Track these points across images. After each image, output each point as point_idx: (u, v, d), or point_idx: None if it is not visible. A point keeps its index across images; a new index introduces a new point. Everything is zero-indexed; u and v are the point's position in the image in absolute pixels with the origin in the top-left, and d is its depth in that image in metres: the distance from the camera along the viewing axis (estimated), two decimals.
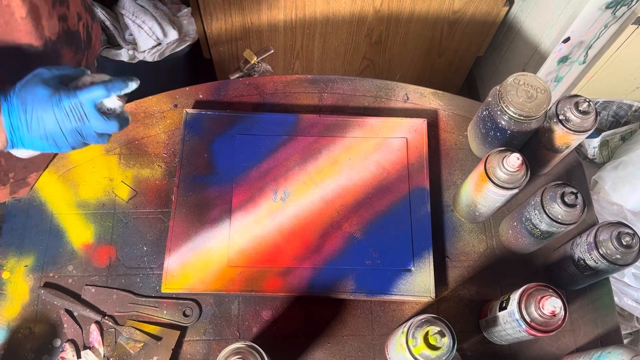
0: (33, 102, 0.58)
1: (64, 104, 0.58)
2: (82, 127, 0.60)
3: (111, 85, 0.61)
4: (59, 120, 0.59)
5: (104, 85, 0.60)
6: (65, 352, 0.73)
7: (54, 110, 0.58)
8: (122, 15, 1.41)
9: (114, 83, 0.61)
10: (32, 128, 0.58)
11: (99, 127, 0.60)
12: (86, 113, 0.59)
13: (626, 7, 1.13)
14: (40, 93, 0.58)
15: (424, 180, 0.84)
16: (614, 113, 1.41)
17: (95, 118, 0.60)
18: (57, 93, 0.59)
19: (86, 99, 0.59)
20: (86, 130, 0.60)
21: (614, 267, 0.69)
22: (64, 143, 0.60)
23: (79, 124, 0.59)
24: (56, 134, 0.59)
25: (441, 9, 1.41)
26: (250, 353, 0.62)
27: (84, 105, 0.59)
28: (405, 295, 0.78)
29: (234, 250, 0.79)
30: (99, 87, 0.60)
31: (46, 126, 0.58)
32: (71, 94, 0.59)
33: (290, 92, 0.92)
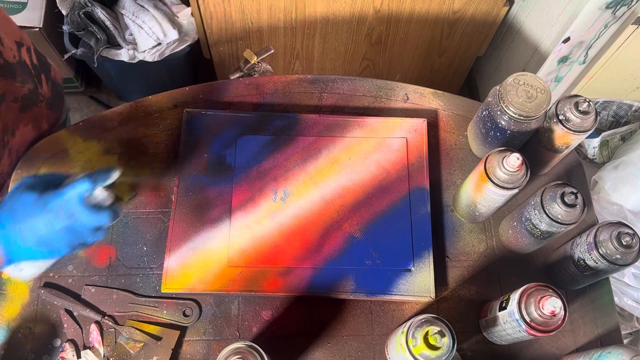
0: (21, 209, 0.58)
1: (51, 205, 0.58)
2: (74, 226, 0.59)
3: (95, 177, 0.60)
4: (48, 223, 0.58)
5: (88, 178, 0.59)
6: (65, 352, 0.73)
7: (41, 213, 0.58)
8: (122, 15, 1.41)
9: (97, 174, 0.60)
10: (25, 237, 0.58)
11: (90, 221, 0.59)
12: (74, 210, 0.58)
13: (626, 7, 1.13)
14: (26, 199, 0.58)
15: (424, 180, 0.84)
16: (614, 113, 1.41)
17: (84, 213, 0.59)
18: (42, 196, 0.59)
19: (72, 196, 0.58)
20: (79, 227, 0.59)
21: (614, 267, 0.69)
22: (59, 245, 0.60)
23: (70, 222, 0.58)
24: (49, 237, 0.58)
25: (441, 9, 1.41)
26: (250, 353, 0.62)
27: (70, 202, 0.58)
28: (405, 295, 0.78)
29: (234, 250, 0.79)
30: (82, 180, 0.59)
31: (38, 231, 0.58)
32: (56, 193, 0.59)
33: (290, 92, 0.92)
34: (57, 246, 0.59)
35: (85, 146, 0.86)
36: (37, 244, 0.58)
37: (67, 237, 0.59)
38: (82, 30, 1.41)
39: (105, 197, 0.62)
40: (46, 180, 0.62)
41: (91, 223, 0.60)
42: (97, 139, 0.86)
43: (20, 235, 0.58)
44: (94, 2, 1.38)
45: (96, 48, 1.40)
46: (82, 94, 1.81)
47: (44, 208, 0.58)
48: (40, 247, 0.59)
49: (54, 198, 0.58)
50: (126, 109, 0.89)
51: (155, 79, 1.58)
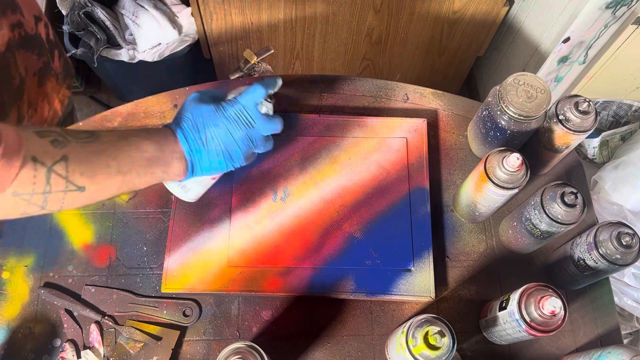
0: (203, 119, 0.60)
1: (230, 112, 0.61)
2: (251, 132, 0.62)
3: (265, 83, 0.63)
4: (230, 130, 0.61)
5: (260, 84, 0.62)
6: (65, 352, 0.73)
7: (223, 120, 0.60)
8: (122, 15, 1.41)
9: (265, 81, 0.64)
10: (208, 146, 0.60)
11: (265, 128, 0.63)
12: (252, 116, 0.62)
13: (626, 7, 1.13)
14: (205, 109, 0.61)
15: (424, 180, 0.84)
16: (614, 113, 1.41)
17: (261, 119, 0.62)
18: (219, 105, 0.61)
19: (248, 102, 0.61)
20: (254, 134, 0.62)
21: (613, 267, 0.69)
22: (238, 154, 0.62)
23: (248, 129, 0.62)
24: (230, 145, 0.61)
25: (441, 9, 1.41)
26: (250, 353, 0.62)
27: (247, 108, 0.61)
28: (405, 295, 0.78)
29: (234, 250, 0.79)
30: (255, 87, 0.62)
31: (220, 138, 0.60)
32: (233, 101, 0.62)
33: (290, 92, 0.92)
34: (235, 155, 0.62)
35: None
36: (219, 153, 0.61)
37: (244, 145, 0.62)
38: (82, 30, 1.41)
39: (272, 107, 0.65)
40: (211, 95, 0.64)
41: (265, 130, 0.63)
42: None
43: (204, 144, 0.60)
44: (94, 2, 1.38)
45: (96, 48, 1.40)
46: (82, 94, 1.81)
47: (225, 115, 0.60)
48: (220, 155, 0.61)
49: (232, 105, 0.61)
50: (126, 109, 0.89)
51: (155, 79, 1.58)
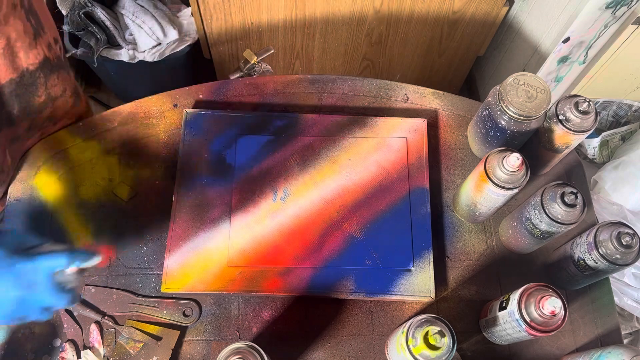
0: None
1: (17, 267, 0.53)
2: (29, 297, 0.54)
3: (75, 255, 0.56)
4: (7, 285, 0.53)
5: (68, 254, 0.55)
6: (65, 352, 0.73)
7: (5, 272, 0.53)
8: (122, 15, 1.41)
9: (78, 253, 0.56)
10: None
11: (47, 299, 0.55)
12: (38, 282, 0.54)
13: (626, 7, 1.13)
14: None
15: (424, 180, 0.84)
16: (614, 113, 1.41)
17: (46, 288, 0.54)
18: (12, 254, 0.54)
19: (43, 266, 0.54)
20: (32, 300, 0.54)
21: (613, 267, 0.69)
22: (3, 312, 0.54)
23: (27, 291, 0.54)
24: None
25: (441, 9, 1.41)
26: (250, 353, 0.62)
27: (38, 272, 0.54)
28: (405, 295, 0.78)
29: (234, 250, 0.79)
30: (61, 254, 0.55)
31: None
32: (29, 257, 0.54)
33: (290, 92, 0.92)
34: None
35: (85, 146, 0.86)
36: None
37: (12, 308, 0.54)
38: (82, 30, 1.41)
39: (73, 279, 0.58)
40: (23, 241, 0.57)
41: (46, 301, 0.55)
42: (97, 139, 0.86)
43: None
44: (94, 2, 1.38)
45: (96, 48, 1.40)
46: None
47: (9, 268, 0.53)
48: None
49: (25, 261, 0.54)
50: (126, 109, 0.89)
51: (155, 79, 1.58)
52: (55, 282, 0.56)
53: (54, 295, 0.55)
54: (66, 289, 0.57)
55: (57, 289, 0.55)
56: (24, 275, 0.54)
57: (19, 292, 0.54)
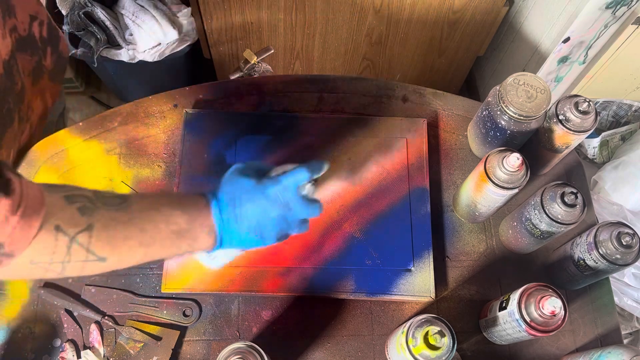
0: (240, 193, 0.58)
1: (270, 191, 0.58)
2: (287, 214, 0.59)
3: (312, 167, 0.61)
4: (266, 209, 0.58)
5: (305, 167, 0.60)
6: (65, 352, 0.73)
7: (260, 198, 0.58)
8: (122, 15, 1.41)
9: (311, 165, 0.61)
10: (241, 222, 0.57)
11: (303, 212, 0.60)
12: (290, 198, 0.59)
13: (626, 7, 1.13)
14: (245, 184, 0.59)
15: (424, 180, 0.84)
16: (614, 113, 1.41)
17: (300, 203, 0.59)
18: (260, 181, 0.59)
19: (289, 184, 0.59)
20: (291, 216, 0.59)
21: (613, 267, 0.69)
22: (270, 233, 0.59)
23: (285, 210, 0.59)
24: (264, 223, 0.58)
25: (441, 9, 1.41)
26: (250, 353, 0.62)
27: (288, 190, 0.59)
28: (405, 295, 0.78)
29: None
30: (300, 170, 0.60)
31: (255, 216, 0.57)
32: (275, 180, 0.59)
33: (290, 92, 0.92)
34: (267, 234, 0.59)
35: (85, 146, 0.86)
36: (250, 229, 0.58)
37: (278, 226, 0.59)
38: (82, 30, 1.41)
39: (313, 190, 0.63)
40: (256, 167, 0.62)
41: (302, 214, 0.60)
42: (97, 139, 0.86)
43: (237, 220, 0.57)
44: (94, 2, 1.38)
45: (96, 48, 1.40)
46: (82, 94, 1.81)
47: (263, 193, 0.58)
48: (251, 233, 0.58)
49: (274, 184, 0.58)
50: (126, 109, 0.89)
51: (155, 79, 1.58)
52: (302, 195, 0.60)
53: (306, 207, 0.60)
54: (311, 199, 0.62)
55: (306, 201, 0.60)
56: (277, 196, 0.58)
57: (278, 211, 0.58)
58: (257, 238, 0.59)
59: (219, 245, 0.58)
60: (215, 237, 0.57)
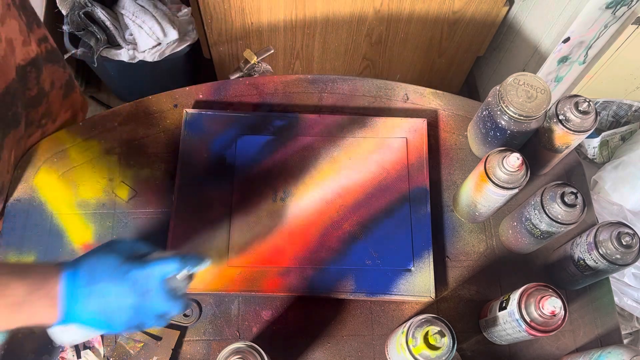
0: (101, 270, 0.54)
1: (131, 275, 0.54)
2: (143, 305, 0.55)
3: (187, 260, 0.57)
4: (120, 293, 0.54)
5: (180, 259, 0.56)
6: (65, 352, 0.73)
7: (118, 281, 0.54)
8: (122, 15, 1.41)
9: (189, 258, 0.57)
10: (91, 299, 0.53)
11: (161, 305, 0.56)
12: (151, 288, 0.55)
13: (626, 7, 1.13)
14: (109, 261, 0.55)
15: (424, 180, 0.84)
16: (614, 113, 1.41)
17: (160, 295, 0.55)
18: (126, 262, 0.55)
19: (154, 273, 0.55)
20: (147, 308, 0.55)
21: (613, 267, 0.69)
22: (118, 320, 0.55)
23: (141, 299, 0.54)
24: (113, 308, 0.54)
25: (441, 9, 1.41)
26: (250, 353, 0.62)
27: (151, 278, 0.54)
28: (405, 295, 0.78)
29: (234, 250, 0.79)
30: (171, 260, 0.56)
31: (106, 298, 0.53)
32: (142, 264, 0.55)
33: (290, 92, 0.92)
34: (116, 321, 0.55)
35: (85, 146, 0.86)
36: (98, 312, 0.54)
37: (130, 315, 0.55)
38: (82, 30, 1.41)
39: (184, 285, 0.59)
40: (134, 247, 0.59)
41: (161, 308, 0.56)
42: (97, 139, 0.86)
43: (87, 298, 0.53)
44: (94, 2, 1.38)
45: (96, 48, 1.40)
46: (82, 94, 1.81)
47: (124, 276, 0.54)
48: (100, 316, 0.54)
49: (137, 269, 0.54)
50: (126, 109, 0.89)
51: (155, 79, 1.58)
52: (167, 288, 0.56)
53: (168, 302, 0.56)
54: (178, 294, 0.57)
55: (170, 295, 0.56)
56: (138, 283, 0.54)
57: (134, 299, 0.54)
58: (105, 322, 0.55)
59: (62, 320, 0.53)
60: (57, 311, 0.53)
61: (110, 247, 0.57)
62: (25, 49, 0.69)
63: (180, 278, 0.58)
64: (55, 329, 0.57)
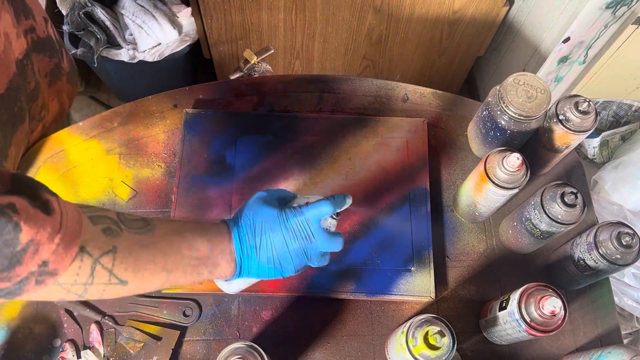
0: (262, 222, 0.57)
1: (292, 222, 0.57)
2: (308, 246, 0.58)
3: (335, 201, 0.60)
4: (287, 240, 0.57)
5: (330, 201, 0.59)
6: (65, 352, 0.73)
7: (282, 229, 0.57)
8: (122, 15, 1.41)
9: (336, 199, 0.60)
10: (261, 251, 0.57)
11: (324, 245, 0.59)
12: (312, 231, 0.58)
13: (626, 7, 1.13)
14: (267, 213, 0.57)
15: (424, 180, 0.84)
16: (614, 113, 1.41)
17: (321, 235, 0.58)
18: (283, 212, 0.58)
19: (312, 216, 0.58)
20: (311, 249, 0.58)
21: (613, 267, 0.69)
22: (289, 265, 0.58)
23: (306, 242, 0.58)
24: (284, 254, 0.57)
25: (441, 9, 1.41)
26: (250, 353, 0.62)
27: (310, 222, 0.58)
28: (405, 295, 0.78)
29: None
30: (324, 202, 0.59)
31: (275, 247, 0.57)
32: (297, 211, 0.58)
33: (290, 92, 0.92)
34: (286, 266, 0.58)
35: (85, 146, 0.86)
36: (269, 260, 0.57)
37: (298, 258, 0.58)
38: (82, 30, 1.41)
39: (334, 224, 0.62)
40: (278, 196, 0.62)
41: (323, 247, 0.59)
42: (97, 139, 0.86)
43: (257, 250, 0.57)
44: (94, 2, 1.38)
45: (96, 48, 1.40)
46: (82, 94, 1.81)
47: (285, 224, 0.57)
48: (270, 263, 0.57)
49: (296, 215, 0.57)
50: (126, 109, 0.89)
51: (155, 79, 1.58)
52: (324, 227, 0.60)
53: (328, 241, 0.59)
54: (333, 232, 0.61)
55: (328, 234, 0.59)
56: (299, 228, 0.57)
57: (299, 243, 0.57)
58: (276, 269, 0.58)
59: (237, 273, 0.58)
60: (235, 266, 0.57)
61: (262, 200, 0.59)
62: (19, 41, 0.69)
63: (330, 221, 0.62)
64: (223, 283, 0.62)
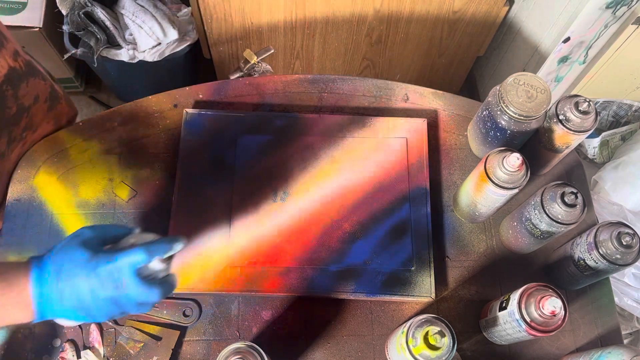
0: (69, 267, 0.53)
1: (100, 270, 0.52)
2: (120, 296, 0.53)
3: (154, 248, 0.55)
4: (94, 288, 0.52)
5: (145, 249, 0.54)
6: (65, 352, 0.73)
7: (89, 276, 0.52)
8: (122, 15, 1.41)
9: (157, 245, 0.55)
10: (64, 298, 0.52)
11: (138, 295, 0.54)
12: (124, 280, 0.53)
13: (626, 7, 1.13)
14: (77, 257, 0.53)
15: (424, 180, 0.84)
16: (614, 113, 1.41)
17: (135, 285, 0.53)
18: (95, 256, 0.53)
19: (125, 264, 0.53)
20: (124, 298, 0.54)
21: (614, 267, 0.69)
22: (99, 314, 0.54)
23: (116, 292, 0.53)
24: (90, 303, 0.53)
25: (441, 9, 1.41)
26: (250, 353, 0.62)
27: (122, 271, 0.53)
28: (405, 295, 0.78)
29: (234, 250, 0.79)
30: (139, 250, 0.54)
31: (80, 295, 0.52)
32: (109, 257, 0.53)
33: (290, 92, 0.92)
34: (95, 314, 0.54)
35: (85, 146, 0.86)
36: (75, 308, 0.53)
37: (108, 308, 0.54)
38: (82, 30, 1.41)
39: (161, 269, 0.57)
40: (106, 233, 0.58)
41: (137, 297, 0.54)
42: (97, 139, 0.86)
43: (60, 295, 0.53)
44: (94, 2, 1.38)
45: (96, 48, 1.40)
46: (82, 94, 1.81)
47: (94, 271, 0.53)
48: (77, 311, 0.54)
49: (105, 263, 0.53)
50: (126, 109, 0.89)
51: (155, 79, 1.58)
52: (142, 276, 0.54)
53: (144, 291, 0.54)
54: (156, 280, 0.56)
55: (145, 283, 0.54)
56: (109, 277, 0.53)
57: (109, 292, 0.53)
58: (85, 317, 0.55)
59: (39, 318, 0.53)
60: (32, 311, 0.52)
61: (79, 237, 0.55)
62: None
63: (153, 266, 0.56)
64: None
